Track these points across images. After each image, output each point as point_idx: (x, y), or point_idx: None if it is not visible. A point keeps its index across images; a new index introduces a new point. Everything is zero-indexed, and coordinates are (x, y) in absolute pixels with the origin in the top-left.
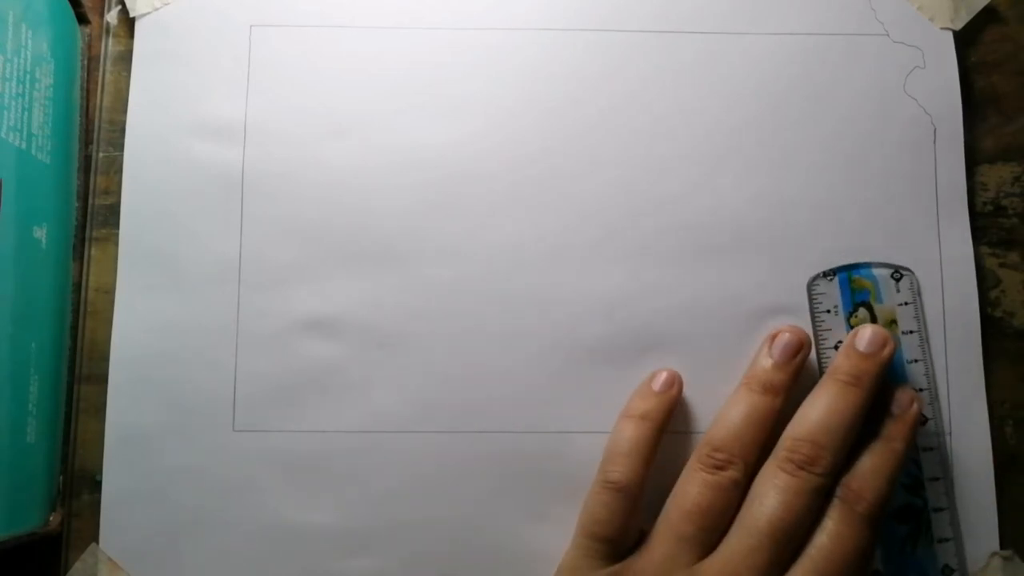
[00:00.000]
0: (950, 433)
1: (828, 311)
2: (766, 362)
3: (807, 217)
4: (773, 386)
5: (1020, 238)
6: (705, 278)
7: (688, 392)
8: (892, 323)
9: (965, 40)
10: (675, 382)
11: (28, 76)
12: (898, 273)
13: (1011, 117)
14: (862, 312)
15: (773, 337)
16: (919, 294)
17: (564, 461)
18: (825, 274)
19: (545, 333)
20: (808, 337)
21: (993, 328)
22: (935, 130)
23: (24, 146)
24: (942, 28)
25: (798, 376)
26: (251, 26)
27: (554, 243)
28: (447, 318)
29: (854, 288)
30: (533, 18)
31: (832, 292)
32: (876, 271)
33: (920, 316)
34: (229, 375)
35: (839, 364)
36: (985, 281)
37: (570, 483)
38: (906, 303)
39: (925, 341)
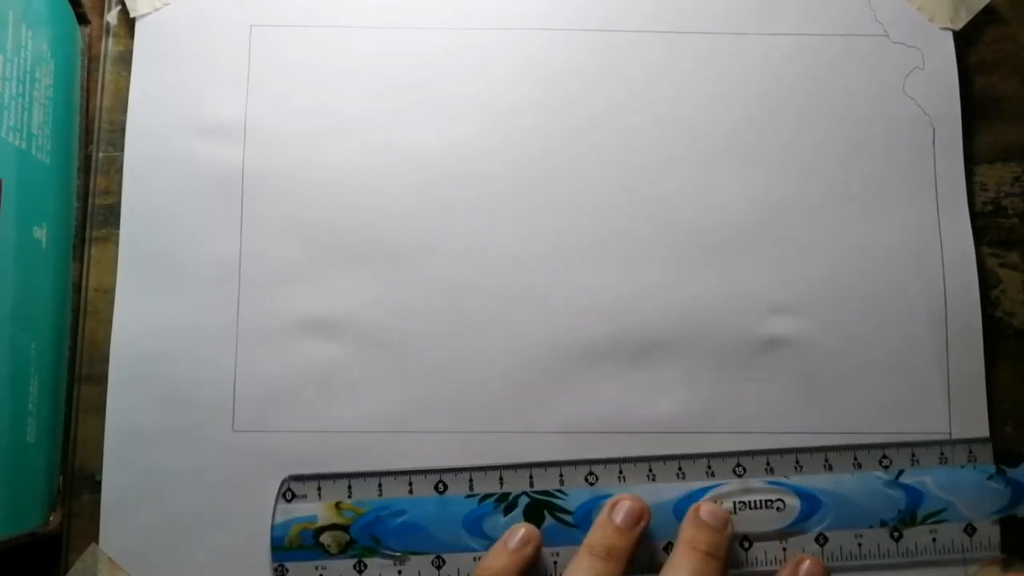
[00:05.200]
0: (950, 433)
1: None
2: (609, 526)
3: (806, 217)
4: (617, 551)
5: (1020, 238)
6: (705, 278)
7: (688, 392)
8: None
9: (965, 40)
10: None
11: (28, 76)
12: None
13: (1011, 117)
14: None
15: (614, 504)
16: None
17: None
18: None
19: (545, 333)
20: (648, 509)
21: (993, 328)
22: (934, 131)
23: (24, 146)
24: (942, 28)
25: (638, 545)
26: (251, 26)
27: (554, 243)
28: (447, 318)
29: None
30: (532, 18)
31: None
32: None
33: None
34: (229, 375)
35: (692, 535)
36: (985, 281)
37: None
38: None
39: None
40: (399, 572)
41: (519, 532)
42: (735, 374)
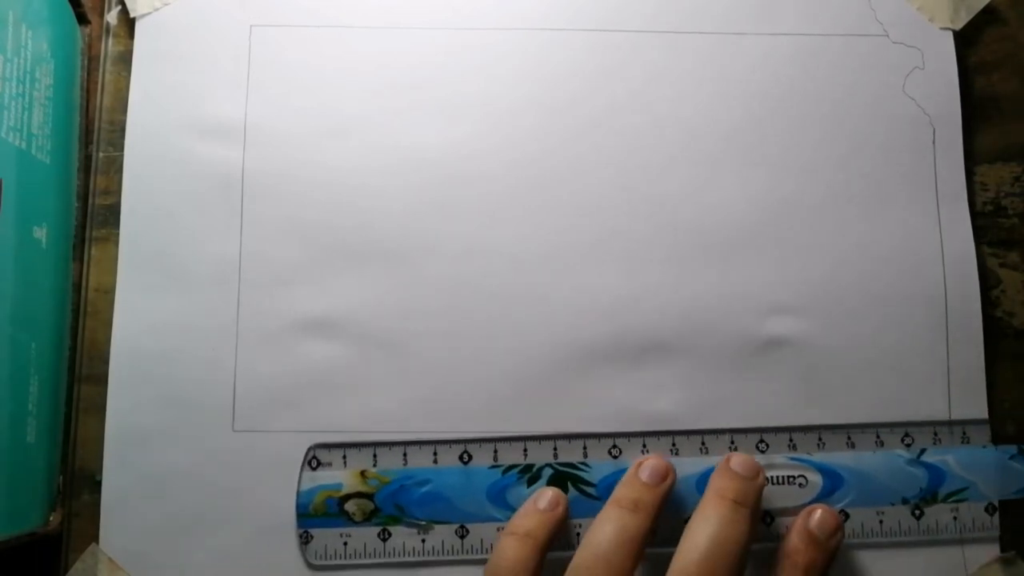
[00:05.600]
0: (951, 433)
1: None
2: (636, 482)
3: (806, 217)
4: (645, 504)
5: (1020, 238)
6: (705, 278)
7: (688, 392)
8: None
9: (965, 40)
10: (559, 501)
11: (28, 76)
12: None
13: (1011, 117)
14: None
15: (639, 464)
16: None
17: None
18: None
19: (545, 333)
20: (673, 468)
21: (993, 328)
22: (934, 131)
23: (24, 146)
24: (942, 28)
25: (664, 503)
26: (251, 26)
27: (554, 243)
28: (447, 318)
29: None
30: (532, 18)
31: None
32: None
33: None
34: (229, 375)
35: (722, 484)
36: (985, 281)
37: None
38: None
39: None
40: (423, 541)
41: (548, 493)
42: (735, 374)
